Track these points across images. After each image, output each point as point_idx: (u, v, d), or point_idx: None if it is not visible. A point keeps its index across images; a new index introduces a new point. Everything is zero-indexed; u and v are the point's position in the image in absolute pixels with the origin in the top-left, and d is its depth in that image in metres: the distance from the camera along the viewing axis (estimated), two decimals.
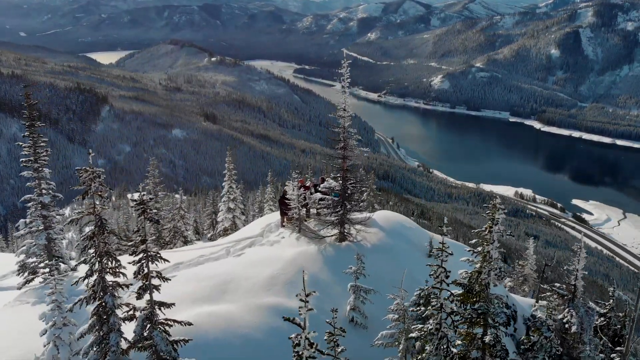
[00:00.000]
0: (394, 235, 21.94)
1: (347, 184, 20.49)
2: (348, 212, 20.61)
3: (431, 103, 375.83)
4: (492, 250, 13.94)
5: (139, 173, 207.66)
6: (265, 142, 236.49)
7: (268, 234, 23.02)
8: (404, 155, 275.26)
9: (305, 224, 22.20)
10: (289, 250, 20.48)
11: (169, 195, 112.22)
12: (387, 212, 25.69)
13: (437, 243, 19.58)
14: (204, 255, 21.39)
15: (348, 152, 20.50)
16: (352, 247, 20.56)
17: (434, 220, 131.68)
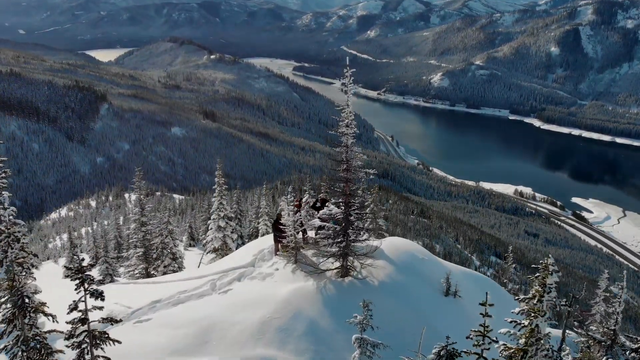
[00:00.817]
0: (405, 269, 19.13)
1: (351, 211, 17.86)
2: (351, 243, 18.15)
3: (431, 101, 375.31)
4: (541, 324, 10.93)
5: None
6: (264, 140, 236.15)
7: (260, 263, 20.27)
8: (403, 153, 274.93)
9: (302, 252, 19.64)
10: (283, 287, 17.98)
11: (166, 195, 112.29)
12: (396, 239, 22.24)
13: (455, 280, 18.25)
14: (186, 290, 18.72)
15: (352, 174, 18.00)
16: (357, 285, 18.13)
17: (434, 219, 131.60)
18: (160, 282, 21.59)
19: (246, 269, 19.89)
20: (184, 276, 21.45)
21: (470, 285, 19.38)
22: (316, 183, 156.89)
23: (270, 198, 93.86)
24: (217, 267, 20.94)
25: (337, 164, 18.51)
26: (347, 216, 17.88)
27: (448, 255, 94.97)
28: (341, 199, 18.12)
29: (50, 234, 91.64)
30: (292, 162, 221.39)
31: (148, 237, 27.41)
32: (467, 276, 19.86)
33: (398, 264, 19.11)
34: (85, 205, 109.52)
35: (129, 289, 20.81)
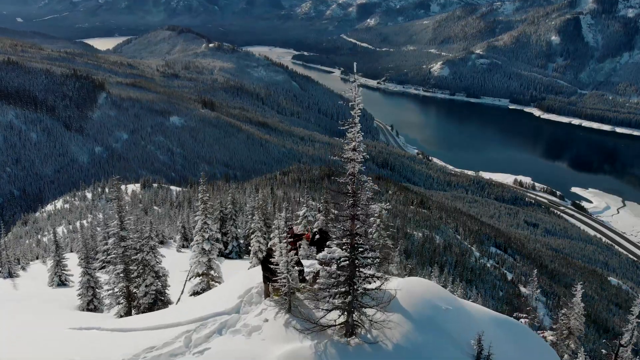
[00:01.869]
0: (426, 325, 15.27)
1: (358, 254, 14.34)
2: (358, 295, 14.65)
3: (430, 90, 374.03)
4: None
5: (137, 161, 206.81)
6: (263, 130, 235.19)
7: (247, 308, 16.77)
8: (403, 143, 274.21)
9: (297, 298, 16.19)
10: (272, 348, 14.78)
11: (163, 187, 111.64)
12: (412, 282, 17.34)
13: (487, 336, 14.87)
14: (154, 347, 15.55)
15: (359, 210, 14.41)
16: (365, 350, 14.42)
17: (434, 209, 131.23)
18: (125, 329, 17.96)
19: (229, 317, 16.40)
20: (155, 321, 17.71)
21: (504, 339, 16.05)
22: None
23: (269, 190, 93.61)
24: (195, 311, 17.29)
25: (341, 197, 14.82)
26: (353, 261, 14.37)
27: (448, 247, 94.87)
28: (346, 240, 14.54)
29: (45, 227, 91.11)
30: (292, 152, 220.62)
31: (127, 253, 24.56)
32: (500, 325, 16.58)
33: (416, 319, 15.30)
34: (81, 197, 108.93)
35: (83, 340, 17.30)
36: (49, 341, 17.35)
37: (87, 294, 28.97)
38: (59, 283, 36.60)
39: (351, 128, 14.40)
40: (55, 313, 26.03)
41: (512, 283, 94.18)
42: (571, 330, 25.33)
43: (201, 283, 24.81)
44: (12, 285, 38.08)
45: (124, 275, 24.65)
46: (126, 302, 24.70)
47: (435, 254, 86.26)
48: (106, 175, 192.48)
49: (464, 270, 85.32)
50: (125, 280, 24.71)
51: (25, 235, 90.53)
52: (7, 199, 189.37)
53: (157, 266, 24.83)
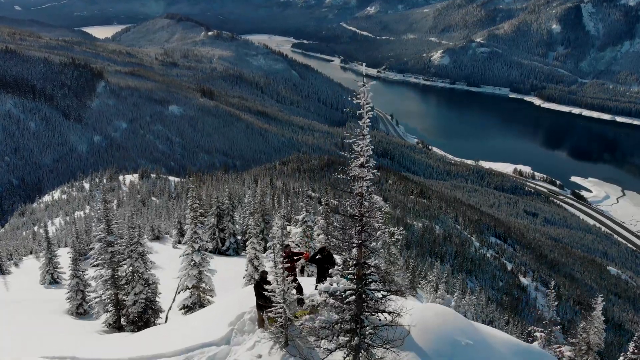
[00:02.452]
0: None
1: (366, 287, 12.21)
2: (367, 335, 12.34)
3: (431, 79, 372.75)
4: None
5: (136, 150, 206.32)
6: (263, 119, 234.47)
7: (238, 339, 14.75)
8: (403, 132, 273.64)
9: (295, 327, 14.21)
10: None
11: (161, 178, 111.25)
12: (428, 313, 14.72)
13: None
14: None
15: (368, 236, 12.26)
16: None
17: (433, 199, 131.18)
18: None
19: (218, 350, 14.42)
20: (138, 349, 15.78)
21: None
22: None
23: (269, 181, 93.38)
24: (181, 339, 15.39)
25: (347, 221, 12.51)
26: (360, 295, 12.22)
27: (448, 237, 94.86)
28: (353, 271, 12.35)
29: (42, 218, 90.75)
30: (291, 141, 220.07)
31: (115, 259, 22.90)
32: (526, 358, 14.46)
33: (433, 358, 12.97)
34: (78, 188, 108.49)
35: None
36: None
37: (76, 297, 27.53)
38: (51, 281, 35.63)
39: (359, 140, 12.07)
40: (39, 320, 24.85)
41: (511, 273, 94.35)
42: (590, 346, 23.64)
43: (191, 296, 22.58)
44: (3, 284, 37.09)
45: (112, 282, 23.06)
46: (115, 310, 23.32)
47: (435, 245, 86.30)
48: (105, 165, 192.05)
49: (464, 261, 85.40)
50: (113, 287, 23.09)
51: (22, 226, 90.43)
52: (6, 188, 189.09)
53: (147, 273, 22.83)
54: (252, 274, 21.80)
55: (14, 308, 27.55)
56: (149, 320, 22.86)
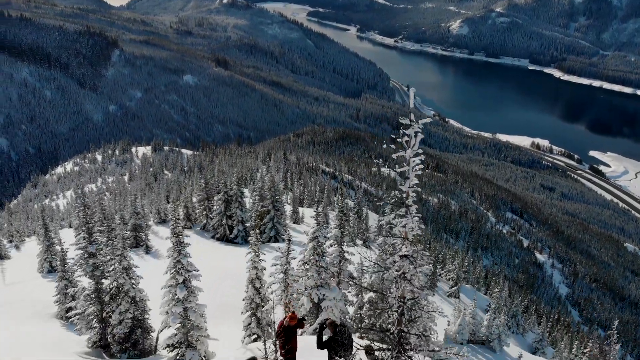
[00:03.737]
0: None
1: None
2: None
3: (449, 49, 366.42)
4: None
5: (151, 120, 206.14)
6: (277, 90, 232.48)
7: None
8: (419, 104, 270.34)
9: None
10: None
11: (174, 151, 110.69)
12: None
13: None
14: None
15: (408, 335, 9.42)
16: None
17: (449, 173, 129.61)
18: None
19: None
20: None
21: None
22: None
23: (282, 155, 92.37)
24: None
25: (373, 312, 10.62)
26: None
27: (464, 213, 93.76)
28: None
29: (54, 191, 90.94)
30: (306, 112, 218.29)
31: (97, 273, 19.95)
32: None
33: None
34: (91, 160, 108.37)
35: None
36: None
37: (65, 300, 24.42)
38: (49, 269, 33.61)
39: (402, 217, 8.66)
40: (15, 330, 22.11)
41: (528, 250, 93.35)
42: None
43: (177, 334, 17.73)
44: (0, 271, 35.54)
45: (96, 296, 19.96)
46: (100, 327, 20.32)
47: (450, 221, 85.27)
48: (121, 134, 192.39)
49: (479, 237, 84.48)
50: (97, 302, 19.96)
51: (34, 198, 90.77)
52: (23, 157, 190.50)
53: (134, 290, 19.35)
54: (253, 298, 17.59)
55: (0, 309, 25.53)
56: (137, 341, 20.08)
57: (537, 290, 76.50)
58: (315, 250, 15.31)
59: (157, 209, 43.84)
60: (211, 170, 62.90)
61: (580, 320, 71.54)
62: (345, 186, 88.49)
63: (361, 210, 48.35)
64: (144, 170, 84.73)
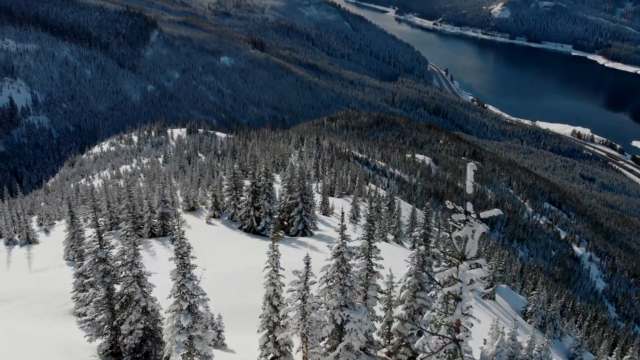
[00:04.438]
0: None
1: None
2: None
3: (489, 33, 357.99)
4: None
5: (188, 101, 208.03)
6: (312, 72, 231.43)
7: None
8: (457, 89, 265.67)
9: None
10: None
11: (208, 133, 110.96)
12: None
13: None
14: None
15: None
16: None
17: (487, 161, 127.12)
18: None
19: None
20: None
21: None
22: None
23: (315, 140, 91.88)
24: None
25: None
26: None
27: (500, 203, 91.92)
28: None
29: (90, 171, 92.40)
30: (341, 96, 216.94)
31: (107, 280, 18.68)
32: None
33: None
34: (127, 141, 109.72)
35: None
36: None
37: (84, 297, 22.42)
38: (75, 257, 30.52)
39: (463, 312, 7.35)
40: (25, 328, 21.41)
41: (565, 242, 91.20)
42: None
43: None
44: (27, 256, 34.58)
45: (107, 303, 18.74)
46: (111, 334, 19.24)
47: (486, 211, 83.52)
48: (158, 115, 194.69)
49: (515, 228, 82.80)
50: (108, 309, 18.73)
51: (71, 177, 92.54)
52: (63, 134, 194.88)
53: (145, 300, 17.96)
54: (271, 316, 15.64)
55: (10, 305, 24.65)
56: (149, 352, 18.97)
57: (573, 285, 74.78)
58: (339, 267, 13.89)
59: (186, 197, 43.16)
60: (244, 154, 62.88)
61: (616, 317, 69.73)
62: (378, 173, 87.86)
63: (393, 203, 47.33)
64: (178, 152, 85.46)
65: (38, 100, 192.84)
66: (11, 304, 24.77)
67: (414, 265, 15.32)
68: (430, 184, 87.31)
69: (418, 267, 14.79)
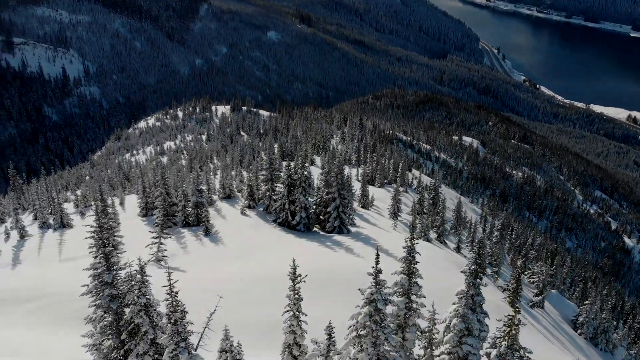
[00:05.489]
0: None
1: None
2: None
3: (545, 11, 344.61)
4: None
5: (234, 75, 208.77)
6: (359, 49, 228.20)
7: None
8: (509, 68, 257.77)
9: None
10: None
11: (251, 112, 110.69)
12: None
13: None
14: None
15: None
16: None
17: (537, 145, 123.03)
18: None
19: None
20: None
21: None
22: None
23: (358, 121, 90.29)
24: None
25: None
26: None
27: (549, 190, 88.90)
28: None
29: (135, 145, 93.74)
30: (387, 73, 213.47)
31: (113, 306, 16.48)
32: None
33: None
34: (172, 116, 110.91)
35: None
36: None
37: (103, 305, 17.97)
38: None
39: None
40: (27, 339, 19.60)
41: (615, 233, 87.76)
42: None
43: None
44: (58, 242, 32.60)
45: (114, 330, 16.59)
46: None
47: (534, 198, 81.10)
48: (205, 88, 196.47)
49: (564, 217, 80.00)
50: (115, 337, 16.60)
51: (116, 151, 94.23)
52: (113, 106, 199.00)
53: (154, 332, 15.89)
54: None
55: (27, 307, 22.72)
56: None
57: (622, 278, 72.03)
58: (371, 317, 12.26)
59: (223, 184, 41.42)
60: (285, 135, 62.36)
61: None
62: (422, 156, 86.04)
63: (437, 196, 45.45)
64: (221, 131, 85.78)
65: (90, 71, 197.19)
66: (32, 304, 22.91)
67: (462, 307, 13.38)
68: (477, 169, 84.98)
69: (466, 308, 13.07)
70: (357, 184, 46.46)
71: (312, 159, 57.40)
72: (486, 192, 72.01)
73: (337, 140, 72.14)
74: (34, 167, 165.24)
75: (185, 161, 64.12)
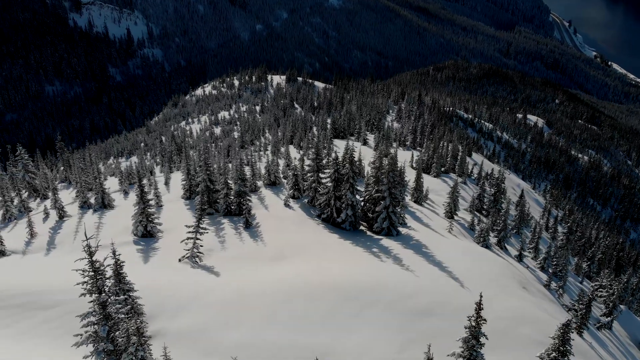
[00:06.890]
0: None
1: None
2: None
3: None
4: None
5: (293, 42, 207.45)
6: (422, 17, 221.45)
7: None
8: (580, 43, 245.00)
9: None
10: None
11: (307, 83, 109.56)
12: None
13: None
14: None
15: None
16: None
17: (605, 127, 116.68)
18: None
19: None
20: None
21: None
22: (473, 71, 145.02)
23: (416, 96, 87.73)
24: None
25: None
26: None
27: (616, 177, 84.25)
28: None
29: (191, 113, 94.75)
30: (450, 43, 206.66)
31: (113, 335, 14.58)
32: None
33: None
34: (229, 85, 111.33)
35: None
36: None
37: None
38: (144, 233, 29.76)
39: None
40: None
41: None
42: None
43: None
44: (96, 226, 31.51)
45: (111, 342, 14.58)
46: None
47: (600, 185, 77.09)
48: (264, 54, 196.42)
49: (630, 207, 75.81)
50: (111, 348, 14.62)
51: (172, 118, 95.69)
52: (175, 68, 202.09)
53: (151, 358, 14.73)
54: None
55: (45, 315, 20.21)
56: None
57: None
58: None
59: (268, 170, 40.34)
60: (339, 110, 61.22)
61: None
62: (483, 136, 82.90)
63: (499, 195, 42.55)
64: (275, 102, 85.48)
65: (153, 33, 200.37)
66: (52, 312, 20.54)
67: None
68: (542, 151, 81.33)
69: None
70: (411, 172, 44.68)
71: (365, 139, 56.20)
72: (549, 177, 68.84)
73: (392, 117, 70.49)
74: (97, 126, 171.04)
75: (237, 133, 64.26)
